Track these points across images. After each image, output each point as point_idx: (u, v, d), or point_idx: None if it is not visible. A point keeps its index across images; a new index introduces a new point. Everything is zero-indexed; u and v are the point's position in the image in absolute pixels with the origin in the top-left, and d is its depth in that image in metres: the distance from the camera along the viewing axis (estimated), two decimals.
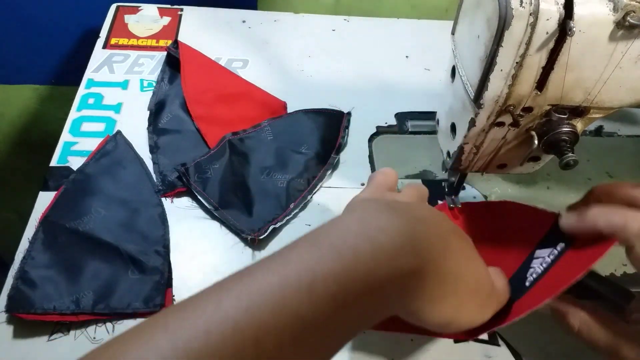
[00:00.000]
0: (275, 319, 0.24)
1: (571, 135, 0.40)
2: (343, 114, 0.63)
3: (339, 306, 0.26)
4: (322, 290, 0.26)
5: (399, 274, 0.28)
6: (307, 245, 0.28)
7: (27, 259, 0.47)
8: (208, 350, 0.23)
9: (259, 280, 0.26)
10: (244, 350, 0.23)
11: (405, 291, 0.29)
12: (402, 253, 0.28)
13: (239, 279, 0.26)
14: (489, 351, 0.46)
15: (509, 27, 0.34)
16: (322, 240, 0.28)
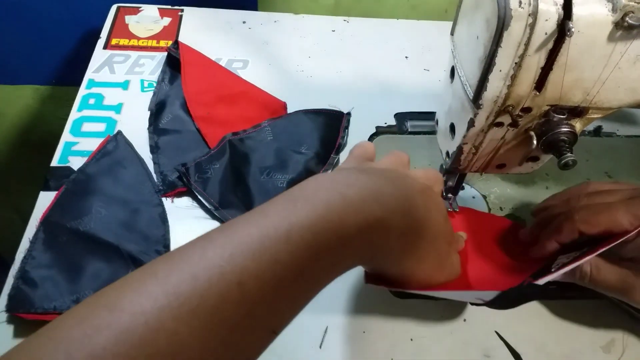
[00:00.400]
0: (256, 264, 0.27)
1: (570, 136, 0.40)
2: (343, 114, 0.63)
3: (313, 253, 0.28)
4: (297, 238, 0.28)
5: (366, 225, 0.31)
6: (283, 200, 0.31)
7: (27, 258, 0.47)
8: (195, 292, 0.25)
9: (240, 231, 0.28)
10: (229, 292, 0.26)
11: (371, 241, 0.32)
12: (367, 205, 0.31)
13: (221, 232, 0.29)
14: (488, 351, 0.46)
15: (507, 28, 0.34)
16: (297, 195, 0.31)
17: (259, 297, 0.26)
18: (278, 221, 0.29)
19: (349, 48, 0.75)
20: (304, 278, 0.29)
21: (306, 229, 0.28)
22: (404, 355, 0.46)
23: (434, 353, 0.46)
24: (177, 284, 0.25)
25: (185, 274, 0.26)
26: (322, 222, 0.29)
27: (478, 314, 0.49)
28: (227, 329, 0.25)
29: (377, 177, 0.34)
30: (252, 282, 0.26)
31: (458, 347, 0.47)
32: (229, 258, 0.26)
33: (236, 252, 0.27)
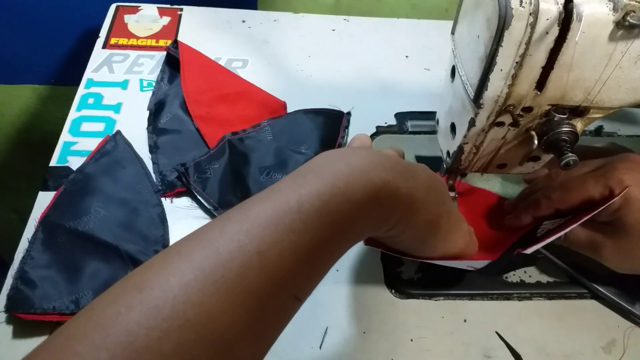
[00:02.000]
0: (272, 234, 0.28)
1: (571, 135, 0.40)
2: (343, 113, 0.63)
3: (325, 219, 0.30)
4: (308, 206, 0.30)
5: (373, 187, 0.32)
6: (293, 176, 0.32)
7: (26, 258, 0.47)
8: (218, 265, 0.27)
9: (255, 207, 0.30)
10: (250, 262, 0.27)
11: (381, 204, 0.33)
12: (372, 169, 0.33)
13: (237, 210, 0.30)
14: (489, 351, 0.46)
15: (508, 27, 0.34)
16: (306, 170, 0.33)
17: (278, 264, 0.28)
18: (290, 194, 0.30)
19: (349, 47, 0.74)
20: (320, 243, 0.30)
21: (315, 197, 0.30)
22: (404, 356, 0.46)
23: (434, 354, 0.46)
24: (201, 259, 0.27)
25: (207, 250, 0.27)
26: (330, 189, 0.31)
27: (478, 314, 0.49)
28: (251, 297, 0.27)
29: (380, 153, 0.36)
30: (270, 250, 0.28)
31: (458, 347, 0.47)
32: (247, 231, 0.28)
33: (253, 225, 0.28)
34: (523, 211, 0.49)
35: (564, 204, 0.45)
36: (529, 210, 0.48)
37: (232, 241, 0.28)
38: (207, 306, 0.25)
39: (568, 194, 0.45)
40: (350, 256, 0.52)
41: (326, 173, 0.32)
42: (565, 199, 0.45)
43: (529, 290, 0.50)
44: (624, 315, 0.49)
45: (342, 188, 0.31)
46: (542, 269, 0.52)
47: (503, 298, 0.50)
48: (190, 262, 0.27)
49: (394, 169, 0.34)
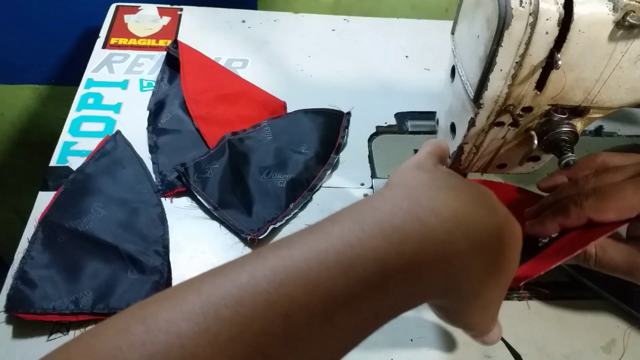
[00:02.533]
0: (307, 296, 0.24)
1: (571, 135, 0.40)
2: (343, 113, 0.63)
3: (374, 289, 0.25)
4: (360, 270, 0.25)
5: (446, 262, 0.27)
6: (350, 221, 0.26)
7: (26, 258, 0.47)
8: (238, 319, 0.23)
9: (295, 254, 0.25)
10: (274, 324, 0.23)
11: (447, 280, 0.27)
12: (453, 239, 0.27)
13: (276, 250, 0.26)
14: (489, 352, 0.46)
15: (508, 27, 0.34)
16: (367, 216, 0.27)
17: (306, 332, 0.24)
18: (340, 247, 0.25)
19: (349, 47, 0.74)
20: (360, 315, 0.25)
21: (372, 262, 0.25)
22: (403, 356, 0.46)
23: (434, 354, 0.46)
24: (220, 306, 0.23)
25: (229, 296, 0.24)
26: (391, 256, 0.25)
27: None
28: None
29: (467, 201, 0.29)
30: (300, 315, 0.24)
31: (458, 347, 0.47)
32: (279, 285, 0.24)
33: (287, 280, 0.24)
34: (549, 219, 0.43)
35: (598, 213, 0.40)
36: (556, 217, 0.42)
37: (259, 292, 0.24)
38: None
39: (603, 202, 0.39)
40: None
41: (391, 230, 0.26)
42: (599, 208, 0.39)
43: (529, 291, 0.50)
44: (624, 316, 0.49)
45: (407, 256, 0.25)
46: None
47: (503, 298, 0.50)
48: (208, 306, 0.23)
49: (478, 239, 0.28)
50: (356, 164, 0.60)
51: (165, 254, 0.49)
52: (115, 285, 0.46)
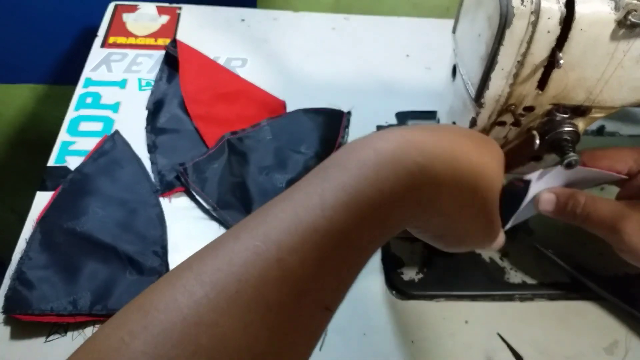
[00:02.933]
0: (293, 237, 0.25)
1: (573, 135, 0.39)
2: (343, 113, 0.63)
3: (352, 214, 0.26)
4: (332, 201, 0.26)
5: (408, 174, 0.27)
6: (316, 170, 0.28)
7: (24, 259, 0.46)
8: (232, 278, 0.23)
9: (272, 208, 0.26)
10: (269, 271, 0.24)
11: (419, 195, 0.28)
12: (405, 152, 0.28)
13: (253, 214, 0.27)
14: (490, 353, 0.46)
15: (510, 26, 0.34)
16: (328, 163, 0.28)
17: (301, 272, 0.24)
18: (311, 190, 0.26)
19: (349, 46, 0.74)
20: (348, 243, 0.26)
21: (340, 190, 0.26)
22: (404, 358, 0.45)
23: (435, 355, 0.46)
24: (213, 272, 0.24)
25: (219, 261, 0.24)
26: (355, 180, 0.26)
27: (480, 315, 0.48)
28: (272, 313, 0.23)
29: (415, 128, 0.31)
30: (291, 257, 0.24)
31: (460, 349, 0.46)
32: (263, 236, 0.25)
33: (270, 229, 0.25)
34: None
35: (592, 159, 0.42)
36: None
37: (247, 249, 0.24)
38: (222, 327, 0.22)
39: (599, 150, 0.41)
40: None
41: (350, 163, 0.27)
42: (594, 154, 0.41)
43: (530, 292, 0.50)
44: (626, 317, 0.49)
45: (371, 178, 0.26)
46: (543, 270, 0.52)
47: (505, 299, 0.50)
48: (201, 275, 0.24)
49: (432, 151, 0.29)
50: None
51: (164, 254, 0.49)
52: (113, 286, 0.46)
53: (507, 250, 0.53)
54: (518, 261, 0.52)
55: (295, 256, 0.24)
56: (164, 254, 0.49)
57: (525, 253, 0.53)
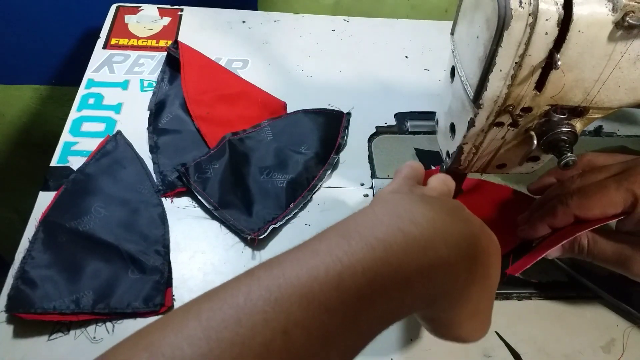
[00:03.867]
0: (303, 312, 0.25)
1: (570, 136, 0.40)
2: (343, 114, 0.63)
3: (366, 300, 0.26)
4: (350, 284, 0.26)
5: (430, 268, 0.28)
6: (337, 237, 0.28)
7: (27, 258, 0.47)
8: (239, 340, 0.24)
9: (287, 272, 0.26)
10: (273, 342, 0.24)
11: (435, 286, 0.29)
12: (433, 245, 0.28)
13: (269, 269, 0.27)
14: (488, 351, 0.46)
15: (508, 28, 0.34)
16: (352, 231, 0.28)
17: (305, 348, 0.25)
18: (329, 262, 0.26)
19: (349, 48, 0.75)
20: (355, 327, 0.26)
21: (360, 274, 0.26)
22: (403, 355, 0.46)
23: (433, 353, 0.46)
24: (220, 329, 0.24)
25: (228, 318, 0.24)
26: (378, 266, 0.27)
27: None
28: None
29: (442, 212, 0.31)
30: (298, 331, 0.24)
31: (458, 347, 0.46)
32: (275, 303, 0.25)
33: (283, 297, 0.25)
34: (538, 220, 0.45)
35: (583, 210, 0.41)
36: (545, 219, 0.44)
37: (256, 312, 0.24)
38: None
39: (587, 199, 0.41)
40: None
41: (376, 242, 0.27)
42: (584, 205, 0.41)
43: (528, 290, 0.50)
44: (624, 315, 0.49)
45: (393, 265, 0.27)
46: (541, 269, 0.52)
47: (503, 298, 0.50)
48: (209, 329, 0.24)
49: (458, 245, 0.29)
50: (356, 164, 0.60)
51: (166, 253, 0.50)
52: (115, 285, 0.46)
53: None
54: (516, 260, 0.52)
55: (302, 331, 0.24)
56: (166, 253, 0.50)
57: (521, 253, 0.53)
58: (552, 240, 0.44)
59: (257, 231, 0.51)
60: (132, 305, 0.45)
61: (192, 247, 0.51)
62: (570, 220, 0.43)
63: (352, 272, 0.26)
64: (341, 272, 0.26)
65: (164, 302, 0.46)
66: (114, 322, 0.45)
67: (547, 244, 0.44)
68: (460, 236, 0.30)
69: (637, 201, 0.39)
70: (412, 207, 0.30)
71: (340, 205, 0.56)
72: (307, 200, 0.55)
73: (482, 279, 0.32)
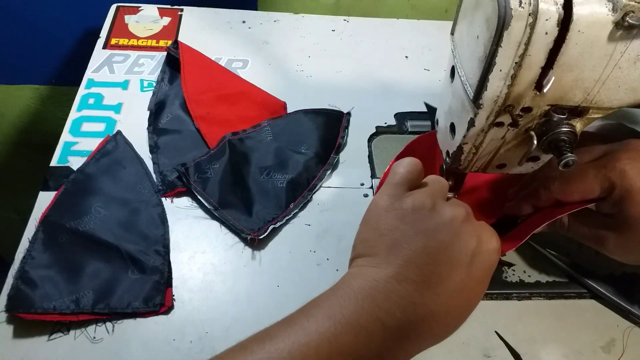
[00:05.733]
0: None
1: (570, 136, 0.40)
2: (343, 114, 0.63)
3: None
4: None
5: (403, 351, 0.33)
6: (323, 317, 0.32)
7: (27, 258, 0.47)
8: None
9: (280, 347, 0.30)
10: None
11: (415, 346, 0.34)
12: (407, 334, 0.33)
13: (261, 344, 0.31)
14: (488, 351, 0.46)
15: (508, 28, 0.34)
16: (337, 313, 0.32)
17: None
18: (319, 341, 0.30)
19: (349, 48, 0.75)
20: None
21: (346, 354, 0.31)
22: None
23: (433, 353, 0.46)
24: None
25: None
26: (361, 349, 0.31)
27: (478, 314, 0.49)
28: None
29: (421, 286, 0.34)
30: None
31: (458, 347, 0.47)
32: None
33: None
34: (523, 200, 0.48)
35: (564, 195, 0.44)
36: (529, 199, 0.47)
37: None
38: None
39: (568, 185, 0.44)
40: (349, 254, 0.52)
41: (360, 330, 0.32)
42: (565, 190, 0.44)
43: (528, 290, 0.50)
44: (623, 315, 0.49)
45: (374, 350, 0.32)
46: (541, 269, 0.52)
47: (502, 298, 0.50)
48: None
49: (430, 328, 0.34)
50: (356, 164, 0.60)
51: (166, 253, 0.50)
52: (115, 285, 0.46)
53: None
54: (516, 260, 0.53)
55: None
56: (166, 253, 0.50)
57: (523, 252, 0.53)
58: (536, 220, 0.46)
59: (257, 231, 0.51)
60: (132, 305, 0.45)
61: (192, 247, 0.51)
62: (552, 202, 0.46)
63: (339, 352, 0.30)
64: (330, 352, 0.30)
65: (164, 302, 0.46)
66: (114, 322, 0.45)
67: (531, 224, 0.46)
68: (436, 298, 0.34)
69: (613, 187, 0.41)
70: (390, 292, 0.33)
71: (340, 205, 0.56)
72: (307, 200, 0.55)
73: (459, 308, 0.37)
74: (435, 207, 0.36)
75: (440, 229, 0.35)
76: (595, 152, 0.45)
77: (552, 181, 0.45)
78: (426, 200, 0.36)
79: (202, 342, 0.45)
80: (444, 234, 0.35)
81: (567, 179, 0.44)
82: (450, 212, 0.36)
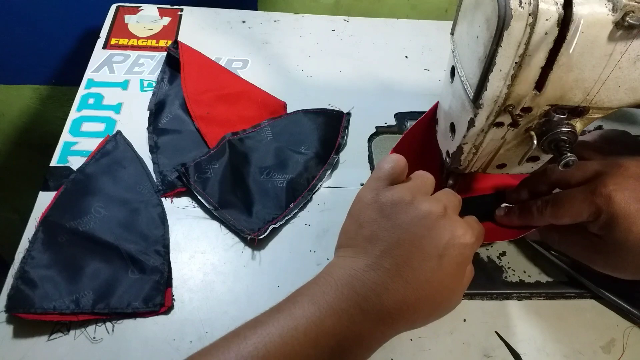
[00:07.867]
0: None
1: (570, 135, 0.40)
2: (342, 114, 0.63)
3: (336, 357, 0.34)
4: (324, 345, 0.33)
5: (380, 333, 0.36)
6: (308, 304, 0.35)
7: (27, 258, 0.47)
8: None
9: (272, 331, 0.33)
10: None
11: (385, 339, 0.37)
12: (384, 314, 0.35)
13: (254, 329, 0.34)
14: (488, 351, 0.46)
15: (508, 28, 0.34)
16: (320, 299, 0.35)
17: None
18: (307, 326, 0.34)
19: (349, 48, 0.75)
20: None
21: (331, 337, 0.34)
22: (403, 356, 0.46)
23: (433, 353, 0.46)
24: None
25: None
26: (344, 330, 0.34)
27: (478, 314, 0.49)
28: None
29: (394, 274, 0.36)
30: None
31: (458, 347, 0.47)
32: (262, 359, 0.32)
33: (269, 354, 0.32)
34: (516, 217, 0.49)
35: (556, 219, 0.46)
36: (522, 218, 0.48)
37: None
38: None
39: (559, 210, 0.45)
40: None
41: (342, 313, 0.35)
42: (556, 215, 0.45)
43: (528, 290, 0.50)
44: (624, 315, 0.49)
45: (355, 332, 0.35)
46: (541, 269, 0.52)
47: (502, 298, 0.50)
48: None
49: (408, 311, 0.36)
50: (356, 164, 0.60)
51: (166, 253, 0.50)
52: (115, 285, 0.46)
53: (504, 250, 0.53)
54: (516, 260, 0.53)
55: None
56: (165, 253, 0.50)
57: (522, 252, 0.53)
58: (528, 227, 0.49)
59: (257, 231, 0.51)
60: (132, 305, 0.45)
61: (192, 247, 0.51)
62: (544, 224, 0.47)
63: (325, 334, 0.34)
64: (317, 333, 0.33)
65: (164, 302, 0.46)
66: (113, 322, 0.45)
67: (522, 227, 0.49)
68: (415, 284, 0.36)
69: (599, 212, 0.43)
70: (367, 280, 0.36)
71: (340, 205, 0.56)
72: (307, 200, 0.55)
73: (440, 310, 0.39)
74: (413, 202, 0.38)
75: (415, 222, 0.37)
76: (587, 170, 0.46)
77: (545, 205, 0.46)
78: (405, 195, 0.38)
79: (202, 342, 0.45)
80: (418, 227, 0.37)
81: (557, 204, 0.46)
82: (427, 207, 0.37)
